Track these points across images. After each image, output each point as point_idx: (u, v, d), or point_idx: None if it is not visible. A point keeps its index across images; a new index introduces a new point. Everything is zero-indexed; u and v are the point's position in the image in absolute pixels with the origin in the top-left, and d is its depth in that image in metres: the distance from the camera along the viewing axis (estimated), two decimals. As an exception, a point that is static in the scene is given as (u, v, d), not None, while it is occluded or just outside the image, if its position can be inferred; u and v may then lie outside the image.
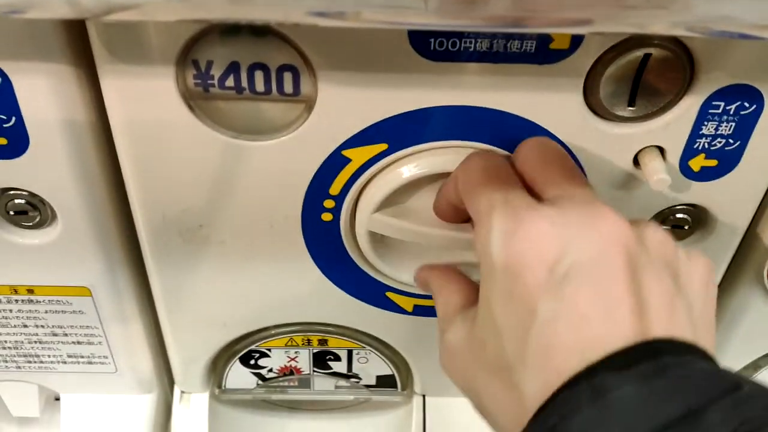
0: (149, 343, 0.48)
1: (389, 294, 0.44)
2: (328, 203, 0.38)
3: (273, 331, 0.46)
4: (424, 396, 0.52)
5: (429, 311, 0.45)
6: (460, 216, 0.37)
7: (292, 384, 0.51)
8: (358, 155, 0.36)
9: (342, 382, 0.51)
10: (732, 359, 0.49)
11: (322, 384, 0.51)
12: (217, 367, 0.50)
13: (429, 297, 0.44)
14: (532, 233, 0.28)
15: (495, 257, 0.28)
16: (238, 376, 0.50)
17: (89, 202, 0.38)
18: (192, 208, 0.39)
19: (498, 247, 0.28)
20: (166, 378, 0.53)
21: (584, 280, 0.26)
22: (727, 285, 0.45)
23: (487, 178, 0.31)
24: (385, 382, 0.51)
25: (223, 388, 0.51)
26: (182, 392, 0.52)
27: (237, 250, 0.41)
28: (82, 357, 0.48)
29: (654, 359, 0.25)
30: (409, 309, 0.45)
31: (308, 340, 0.47)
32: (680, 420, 0.23)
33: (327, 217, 0.39)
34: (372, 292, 0.44)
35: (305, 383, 0.51)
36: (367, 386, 0.51)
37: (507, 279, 0.28)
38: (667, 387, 0.24)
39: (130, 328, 0.46)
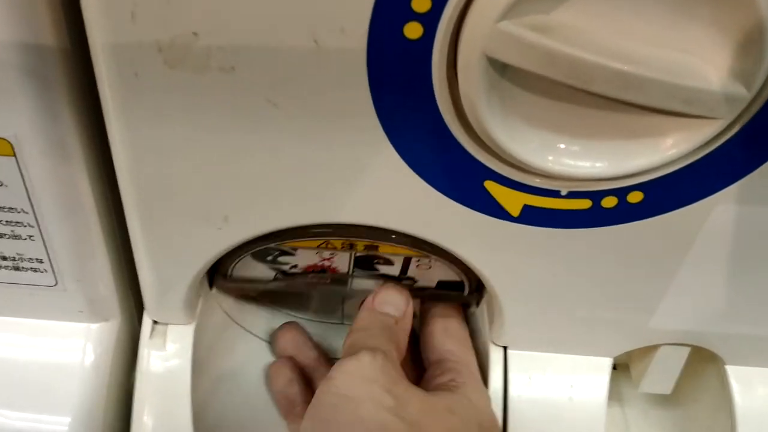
0: (107, 243, 0.33)
1: (489, 185, 0.29)
2: (420, 3, 0.23)
3: (299, 232, 0.31)
4: (505, 348, 0.38)
5: (541, 217, 0.30)
6: None
7: (323, 282, 0.36)
8: None
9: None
10: None
11: (363, 286, 0.37)
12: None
13: (545, 193, 0.29)
14: None
15: None
16: (249, 268, 0.36)
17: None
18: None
19: None
20: (133, 299, 0.38)
21: None
22: None
23: None
24: (448, 286, 0.37)
25: (229, 275, 0.36)
26: (154, 323, 0.37)
27: (254, 86, 0.26)
28: (5, 259, 0.33)
29: None
30: (515, 212, 0.30)
31: (351, 244, 0.33)
32: None
33: (413, 31, 0.24)
34: (463, 178, 0.29)
35: (341, 283, 0.37)
36: (424, 289, 0.37)
37: None
38: None
39: (78, 213, 0.31)
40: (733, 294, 0.34)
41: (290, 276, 0.37)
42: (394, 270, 0.36)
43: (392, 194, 0.29)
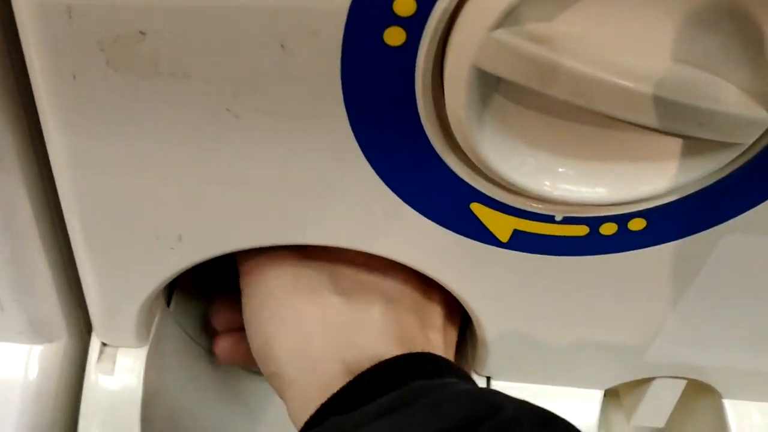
0: (50, 258, 0.30)
1: (475, 208, 0.26)
2: (403, 6, 0.20)
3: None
4: (488, 378, 0.35)
5: (533, 243, 0.28)
6: None
7: None
8: None
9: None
10: None
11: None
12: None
13: (538, 218, 0.27)
14: None
15: None
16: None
17: None
18: (126, -10, 0.20)
19: None
20: (82, 317, 0.35)
21: None
22: None
23: None
24: None
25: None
26: (103, 345, 0.34)
27: (211, 95, 0.23)
28: (-66, 275, 0.30)
29: (404, 384, 0.26)
30: (504, 237, 0.27)
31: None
32: None
33: (395, 37, 0.21)
34: (447, 200, 0.26)
35: None
36: None
37: None
38: (415, 420, 0.23)
39: (15, 227, 0.28)
40: (735, 327, 0.31)
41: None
42: None
43: (367, 214, 0.27)
